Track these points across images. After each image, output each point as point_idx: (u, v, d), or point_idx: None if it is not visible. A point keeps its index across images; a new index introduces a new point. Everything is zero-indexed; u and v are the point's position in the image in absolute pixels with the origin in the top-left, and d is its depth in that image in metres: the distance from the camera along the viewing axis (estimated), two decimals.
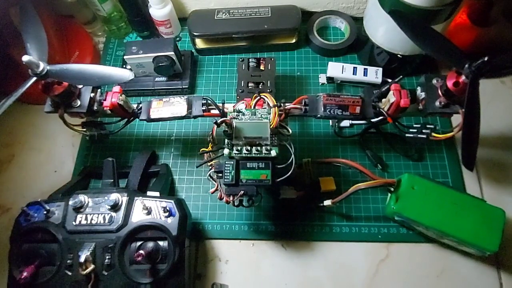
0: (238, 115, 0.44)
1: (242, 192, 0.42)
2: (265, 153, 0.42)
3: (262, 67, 0.57)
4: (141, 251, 0.41)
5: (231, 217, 0.55)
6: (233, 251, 0.53)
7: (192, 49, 0.69)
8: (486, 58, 0.37)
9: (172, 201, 0.45)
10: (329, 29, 0.70)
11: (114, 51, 0.71)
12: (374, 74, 0.60)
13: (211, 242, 0.54)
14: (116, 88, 0.48)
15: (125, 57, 0.60)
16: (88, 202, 0.45)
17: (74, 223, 0.44)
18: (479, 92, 0.38)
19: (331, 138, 0.60)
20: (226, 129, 0.42)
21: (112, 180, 0.52)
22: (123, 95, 0.49)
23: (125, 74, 0.45)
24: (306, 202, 0.54)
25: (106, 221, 0.44)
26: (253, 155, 0.42)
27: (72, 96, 0.47)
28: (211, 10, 0.67)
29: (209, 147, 0.46)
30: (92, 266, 0.41)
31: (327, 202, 0.50)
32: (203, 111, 0.49)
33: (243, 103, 0.48)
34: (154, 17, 0.65)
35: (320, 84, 0.64)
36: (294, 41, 0.67)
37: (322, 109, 0.47)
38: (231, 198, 0.43)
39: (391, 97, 0.45)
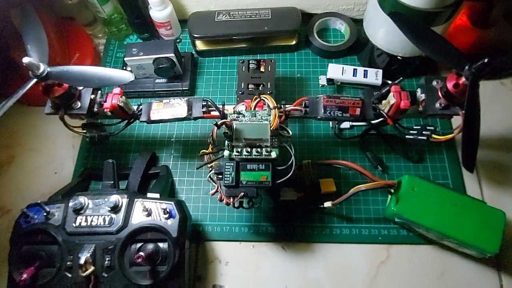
0: (238, 117, 0.44)
1: (242, 193, 0.42)
2: (265, 155, 0.42)
3: (262, 69, 0.57)
4: (141, 253, 0.41)
5: (231, 218, 0.55)
6: (233, 252, 0.53)
7: (192, 51, 0.69)
8: (486, 60, 0.37)
9: (172, 203, 0.45)
10: (329, 31, 0.70)
11: (114, 52, 0.71)
12: (374, 76, 0.61)
13: (211, 243, 0.54)
14: (117, 90, 0.48)
15: (125, 58, 0.60)
16: (88, 203, 0.45)
17: (74, 224, 0.44)
18: (479, 94, 0.38)
19: (331, 140, 0.60)
20: (226, 131, 0.42)
21: (112, 182, 0.52)
22: (123, 97, 0.49)
23: (125, 75, 0.45)
24: (306, 204, 0.54)
25: (106, 223, 0.44)
26: (253, 156, 0.42)
27: (72, 98, 0.48)
28: (212, 12, 0.67)
29: (209, 148, 0.46)
30: (92, 268, 0.41)
31: (327, 204, 0.50)
32: (203, 112, 0.49)
33: (243, 104, 0.48)
34: (154, 19, 0.65)
35: (320, 85, 0.64)
36: (294, 42, 0.67)
37: (322, 111, 0.47)
38: (231, 200, 0.43)
39: (391, 99, 0.45)
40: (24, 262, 0.43)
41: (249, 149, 0.42)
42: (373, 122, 0.49)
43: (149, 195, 0.48)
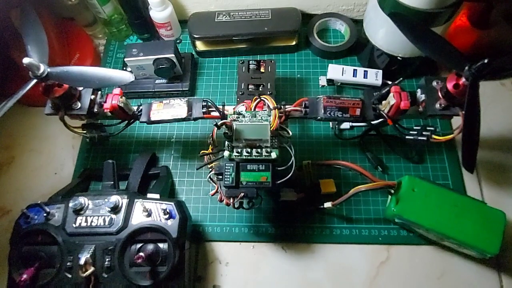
0: (238, 117, 0.44)
1: (242, 194, 0.42)
2: (265, 155, 0.42)
3: (262, 69, 0.57)
4: (141, 253, 0.41)
5: (231, 219, 0.55)
6: (233, 253, 0.53)
7: (192, 51, 0.69)
8: (486, 60, 0.37)
9: (172, 203, 0.45)
10: (329, 32, 0.70)
11: (114, 53, 0.71)
12: (374, 76, 0.61)
13: (211, 244, 0.54)
14: (117, 90, 0.48)
15: (125, 59, 0.60)
16: (88, 204, 0.45)
17: (74, 225, 0.44)
18: (479, 94, 0.38)
19: (331, 140, 0.60)
20: (227, 131, 0.42)
21: (112, 182, 0.52)
22: (123, 97, 0.49)
23: (126, 76, 0.45)
24: (306, 204, 0.54)
25: (106, 223, 0.44)
26: (253, 157, 0.42)
27: (72, 98, 0.48)
28: (212, 13, 0.67)
29: (209, 149, 0.46)
30: (92, 269, 0.41)
31: (327, 204, 0.50)
32: (203, 113, 0.49)
33: (243, 105, 0.48)
34: (154, 19, 0.65)
35: (320, 86, 0.64)
36: (294, 43, 0.67)
37: (322, 111, 0.47)
38: (231, 200, 0.43)
39: (391, 99, 0.45)
40: (24, 262, 0.43)
41: (249, 150, 0.42)
42: (373, 122, 0.49)
43: (149, 195, 0.48)
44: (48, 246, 0.44)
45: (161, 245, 0.44)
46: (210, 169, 0.45)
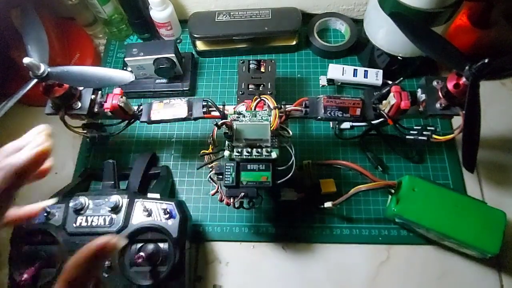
0: (239, 117, 0.44)
1: (242, 194, 0.42)
2: (265, 155, 0.42)
3: (262, 69, 0.57)
4: (142, 253, 0.41)
5: (231, 219, 0.55)
6: (233, 253, 0.53)
7: (192, 51, 0.69)
8: (486, 60, 0.37)
9: (173, 203, 0.45)
10: (329, 31, 0.70)
11: (114, 53, 0.71)
12: (375, 76, 0.61)
13: (211, 244, 0.54)
14: (117, 90, 0.48)
15: (125, 59, 0.60)
16: (89, 204, 0.45)
17: (74, 225, 0.44)
18: (480, 94, 0.38)
19: (331, 140, 0.60)
20: (227, 131, 0.42)
21: (113, 182, 0.52)
22: (123, 97, 0.49)
23: (126, 76, 0.45)
24: (306, 204, 0.54)
25: (107, 223, 0.44)
26: (254, 157, 0.42)
27: (72, 98, 0.48)
28: (212, 12, 0.67)
29: (210, 149, 0.46)
30: None
31: (328, 204, 0.50)
32: (204, 113, 0.49)
33: (243, 105, 0.48)
34: (154, 19, 0.65)
35: (320, 86, 0.64)
36: (294, 43, 0.67)
37: (323, 111, 0.47)
38: (231, 200, 0.43)
39: (392, 99, 0.45)
40: (24, 262, 0.43)
41: (249, 150, 0.42)
42: (373, 122, 0.49)
43: (149, 195, 0.48)
44: (49, 246, 0.44)
45: (161, 245, 0.44)
46: (211, 169, 0.45)
